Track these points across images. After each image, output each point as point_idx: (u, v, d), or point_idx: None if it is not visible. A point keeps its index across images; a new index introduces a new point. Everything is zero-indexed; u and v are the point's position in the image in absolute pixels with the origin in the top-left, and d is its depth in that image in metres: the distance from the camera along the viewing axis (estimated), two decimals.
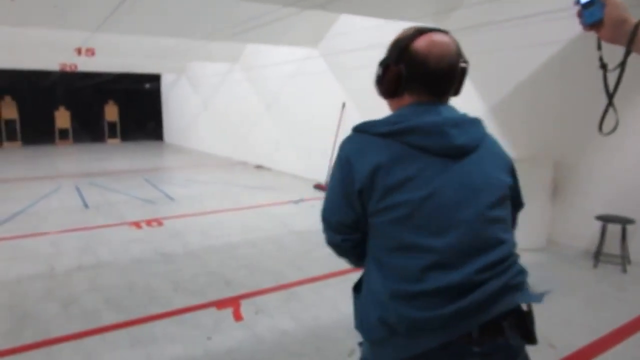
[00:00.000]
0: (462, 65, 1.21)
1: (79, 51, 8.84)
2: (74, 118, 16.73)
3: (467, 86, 1.33)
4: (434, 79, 1.18)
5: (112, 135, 17.39)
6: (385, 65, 1.24)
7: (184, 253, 4.58)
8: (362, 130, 1.19)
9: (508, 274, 1.14)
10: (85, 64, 11.44)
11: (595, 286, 3.88)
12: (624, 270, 4.17)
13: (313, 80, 8.73)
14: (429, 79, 1.18)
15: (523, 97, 5.22)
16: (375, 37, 6.93)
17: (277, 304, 3.43)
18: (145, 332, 2.97)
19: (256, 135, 11.00)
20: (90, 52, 8.90)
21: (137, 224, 5.59)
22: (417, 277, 1.10)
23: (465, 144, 1.15)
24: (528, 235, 4.14)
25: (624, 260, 4.22)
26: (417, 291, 1.10)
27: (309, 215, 6.19)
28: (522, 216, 1.35)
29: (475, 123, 1.22)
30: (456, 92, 1.26)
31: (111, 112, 17.38)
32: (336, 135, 8.06)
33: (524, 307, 1.18)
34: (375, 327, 1.16)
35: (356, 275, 1.35)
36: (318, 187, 8.06)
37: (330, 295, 3.59)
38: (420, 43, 1.17)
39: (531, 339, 1.16)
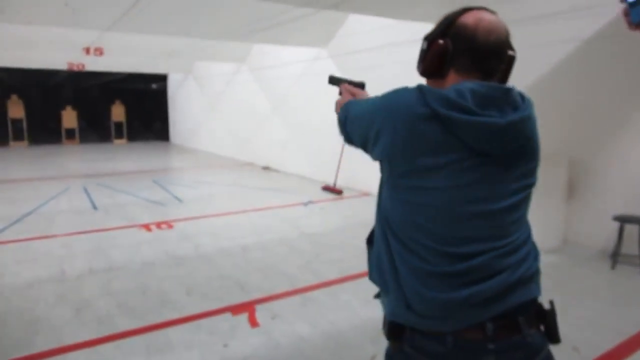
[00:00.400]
0: (511, 53, 1.15)
1: (87, 50, 8.81)
2: (80, 118, 16.75)
3: None
4: (482, 55, 1.11)
5: (119, 135, 17.40)
6: (430, 39, 1.16)
7: (196, 256, 4.52)
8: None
9: (524, 265, 1.11)
10: (93, 64, 11.44)
11: (615, 288, 3.81)
12: None
13: (321, 80, 8.64)
14: (476, 54, 1.11)
15: (538, 95, 5.11)
16: (384, 37, 6.88)
17: (293, 309, 3.37)
18: (161, 338, 2.92)
19: (263, 136, 10.95)
20: (99, 51, 8.88)
21: (147, 227, 5.54)
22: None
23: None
24: (543, 235, 4.03)
25: None
26: (429, 270, 1.09)
27: (319, 218, 6.13)
28: (537, 216, 1.32)
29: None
30: (503, 78, 1.18)
31: (118, 112, 17.39)
32: None
33: (546, 304, 1.15)
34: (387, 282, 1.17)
35: (368, 281, 1.33)
36: (326, 188, 8.00)
37: (346, 300, 3.53)
38: (468, 17, 1.11)
39: (554, 337, 1.13)
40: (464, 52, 1.11)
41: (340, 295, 3.61)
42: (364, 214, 6.33)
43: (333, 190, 7.84)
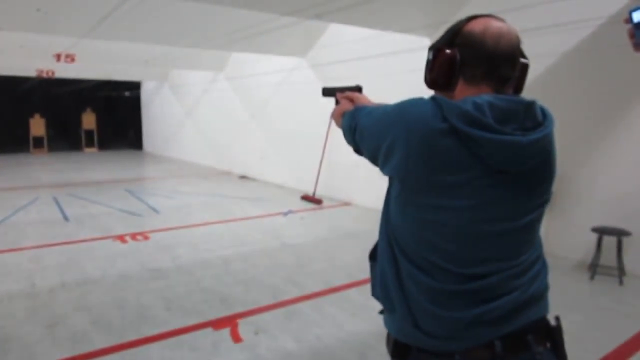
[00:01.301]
0: (523, 61, 1.11)
1: (58, 57, 8.55)
2: (49, 126, 16.22)
3: None
4: (492, 62, 1.05)
5: (90, 144, 16.92)
6: (436, 49, 1.11)
7: (174, 268, 4.38)
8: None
9: (535, 284, 1.09)
10: (64, 71, 11.12)
11: (596, 299, 3.86)
12: (621, 283, 4.17)
13: (300, 90, 8.65)
14: (486, 61, 1.05)
15: None
16: (365, 49, 6.92)
17: (277, 323, 3.28)
18: (140, 356, 2.79)
19: (241, 144, 10.83)
20: (70, 58, 8.62)
21: (121, 238, 5.36)
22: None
23: None
24: None
25: (620, 272, 4.22)
26: (439, 288, 1.06)
27: (300, 228, 6.06)
28: None
29: None
30: (518, 88, 1.14)
31: (89, 120, 16.92)
32: (324, 145, 7.98)
33: (552, 320, 1.14)
34: (392, 300, 1.14)
35: (354, 291, 1.28)
36: (306, 198, 7.94)
37: (331, 313, 3.46)
38: (475, 25, 1.07)
39: (561, 354, 1.11)
40: (472, 61, 1.06)
41: (325, 308, 3.55)
42: (345, 225, 6.30)
43: (312, 200, 7.79)
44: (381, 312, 1.27)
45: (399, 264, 1.14)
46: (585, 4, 4.50)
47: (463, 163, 1.01)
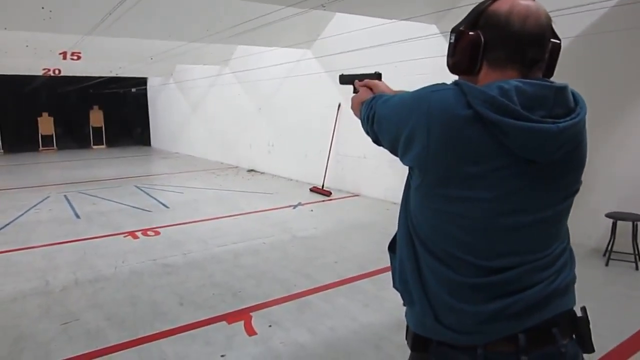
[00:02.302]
0: (555, 42, 1.04)
1: (64, 55, 8.55)
2: (57, 124, 16.31)
3: None
4: (519, 44, 0.98)
5: (98, 141, 17.02)
6: (458, 31, 1.05)
7: (186, 263, 4.39)
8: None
9: (560, 277, 1.05)
10: (70, 69, 11.14)
11: (611, 286, 3.81)
12: (637, 268, 4.11)
13: (307, 81, 8.59)
14: (512, 43, 0.98)
15: None
16: (370, 38, 6.83)
17: (290, 316, 3.27)
18: (154, 351, 2.79)
19: (248, 138, 10.81)
20: (76, 56, 8.62)
21: (133, 234, 5.37)
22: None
23: None
24: None
25: (636, 258, 4.16)
26: (459, 281, 1.03)
27: (310, 220, 6.04)
28: None
29: None
30: (548, 71, 1.06)
31: (96, 118, 17.00)
32: (332, 137, 7.94)
33: (579, 312, 1.10)
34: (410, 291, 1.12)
35: (366, 282, 1.26)
36: (315, 190, 7.92)
37: (343, 305, 3.45)
38: (501, 4, 1.00)
39: (587, 346, 1.08)
40: (497, 43, 1.00)
41: (337, 300, 3.53)
42: (354, 216, 6.27)
43: (322, 192, 7.76)
44: (404, 303, 1.24)
45: (418, 256, 1.11)
46: None
47: (488, 152, 0.96)
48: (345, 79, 1.54)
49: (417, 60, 6.18)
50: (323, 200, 7.32)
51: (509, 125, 0.93)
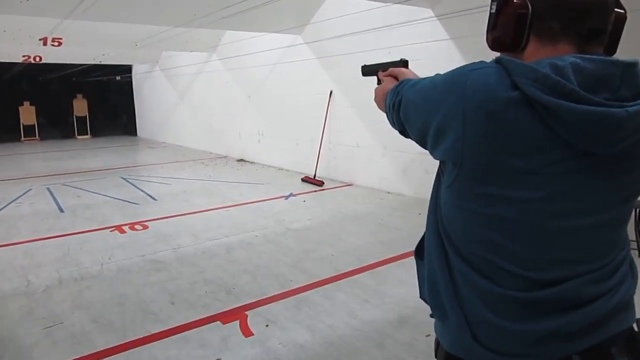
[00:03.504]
0: (619, 11, 0.87)
1: (44, 41, 8.20)
2: (40, 114, 15.85)
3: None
4: (575, 13, 0.82)
5: (82, 131, 16.57)
6: (501, 0, 0.89)
7: (176, 258, 4.21)
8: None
9: (621, 290, 0.90)
10: (51, 56, 10.74)
11: None
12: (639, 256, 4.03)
13: (298, 68, 8.36)
14: (567, 12, 0.83)
15: None
16: (363, 23, 6.62)
17: (288, 314, 3.12)
18: (145, 356, 2.62)
19: (237, 127, 10.57)
20: (57, 42, 8.27)
21: (119, 228, 5.16)
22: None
23: None
24: None
25: (638, 245, 4.08)
26: (501, 294, 0.88)
27: (303, 211, 5.88)
28: None
29: None
30: (612, 46, 0.89)
31: (80, 107, 16.54)
32: (324, 125, 7.75)
33: (635, 326, 0.95)
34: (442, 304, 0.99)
35: (365, 276, 1.11)
36: (307, 180, 7.75)
37: (342, 300, 3.31)
38: None
39: None
40: (548, 12, 0.84)
41: (336, 296, 3.39)
42: (348, 206, 6.12)
43: (314, 181, 7.60)
44: (432, 315, 1.09)
45: (452, 264, 0.95)
46: None
47: (537, 143, 0.80)
48: (368, 70, 1.38)
49: (411, 45, 6.00)
50: (315, 190, 7.16)
51: (566, 109, 0.77)
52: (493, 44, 0.93)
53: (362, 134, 7.20)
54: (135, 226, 5.24)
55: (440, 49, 5.76)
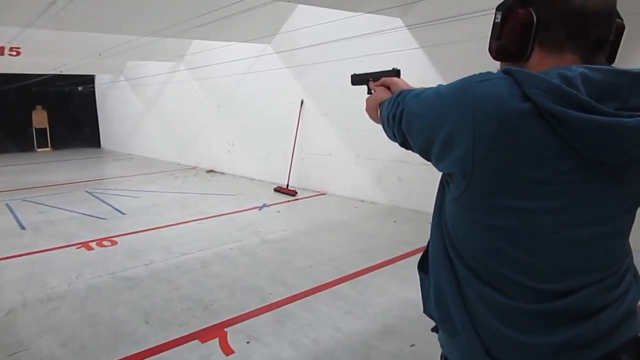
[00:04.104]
0: (618, 21, 0.89)
1: (1, 50, 7.85)
2: None
3: (439, 81, 1.05)
4: (581, 23, 0.83)
5: (42, 143, 15.94)
6: (505, 8, 0.89)
7: (149, 275, 4.05)
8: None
9: (629, 296, 0.92)
10: (9, 65, 10.28)
11: None
12: None
13: (268, 78, 8.31)
14: (572, 22, 0.83)
15: None
16: (333, 32, 6.65)
17: (269, 329, 3.04)
18: None
19: (207, 137, 10.40)
20: (15, 51, 7.94)
21: (87, 245, 4.94)
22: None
23: None
24: None
25: None
26: (515, 307, 0.88)
27: (278, 222, 5.80)
28: None
29: None
30: (612, 55, 0.91)
31: (40, 118, 15.92)
32: (296, 134, 7.71)
33: None
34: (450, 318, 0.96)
35: (345, 287, 1.09)
36: (279, 190, 7.67)
37: (325, 313, 3.25)
38: None
39: None
40: (553, 21, 0.84)
41: (317, 308, 3.33)
42: (323, 215, 6.09)
43: (287, 191, 7.53)
44: (434, 329, 1.06)
45: (460, 278, 0.93)
46: None
47: (549, 153, 0.79)
48: (358, 79, 1.35)
49: (383, 54, 6.06)
50: (289, 200, 7.10)
51: (578, 119, 0.76)
52: (497, 53, 0.93)
53: (335, 143, 7.20)
54: (104, 242, 5.03)
55: (411, 57, 5.83)
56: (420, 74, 5.65)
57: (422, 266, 1.07)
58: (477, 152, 0.82)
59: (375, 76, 1.29)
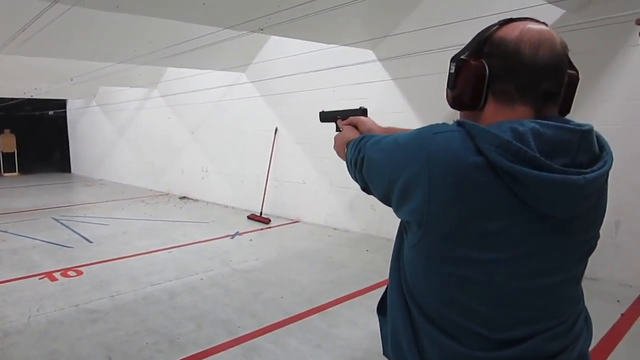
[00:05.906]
0: (572, 72, 0.92)
1: None
2: None
3: (408, 111, 1.09)
4: (531, 76, 0.85)
5: (9, 168, 15.50)
6: (459, 60, 0.92)
7: (114, 307, 3.93)
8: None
9: (579, 343, 0.94)
10: None
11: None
12: None
13: (242, 105, 8.36)
14: (523, 75, 0.85)
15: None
16: (307, 62, 6.78)
17: None
18: None
19: (180, 164, 10.31)
20: None
21: (50, 275, 4.78)
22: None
23: None
24: None
25: None
26: (468, 355, 0.89)
27: (250, 251, 5.75)
28: None
29: None
30: (566, 105, 0.94)
31: (7, 143, 15.52)
32: (269, 162, 7.73)
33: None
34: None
35: (316, 318, 1.10)
36: (253, 217, 7.63)
37: (294, 346, 3.21)
38: (509, 29, 0.88)
39: None
40: (505, 74, 0.87)
41: (287, 341, 3.29)
42: (296, 244, 6.07)
43: (260, 219, 7.49)
44: None
45: (416, 323, 0.94)
46: None
47: (501, 207, 0.82)
48: (326, 117, 1.37)
49: (355, 85, 6.20)
50: (262, 228, 7.05)
51: (527, 176, 0.79)
52: (453, 103, 0.96)
53: (309, 171, 7.24)
54: (69, 272, 4.88)
55: (381, 88, 5.98)
56: (392, 104, 5.79)
57: (381, 309, 1.09)
58: (432, 203, 0.84)
59: (343, 114, 1.31)
